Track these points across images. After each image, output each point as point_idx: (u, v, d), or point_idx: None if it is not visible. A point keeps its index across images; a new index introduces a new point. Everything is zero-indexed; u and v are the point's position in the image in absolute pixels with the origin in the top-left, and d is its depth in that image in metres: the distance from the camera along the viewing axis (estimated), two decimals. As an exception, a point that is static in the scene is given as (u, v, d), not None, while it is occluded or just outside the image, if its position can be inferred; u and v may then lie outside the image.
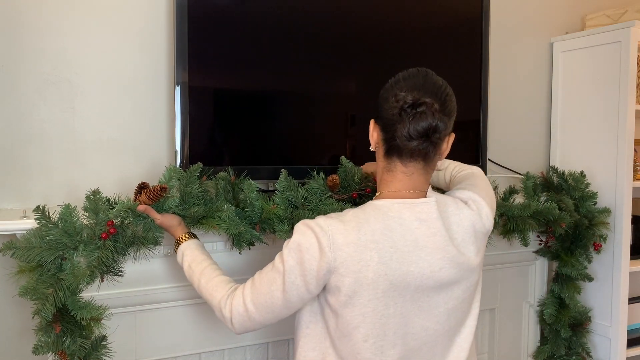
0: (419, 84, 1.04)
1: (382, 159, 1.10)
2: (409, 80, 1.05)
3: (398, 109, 1.02)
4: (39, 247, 1.17)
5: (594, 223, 1.94)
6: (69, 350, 1.20)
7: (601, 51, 2.02)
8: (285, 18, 1.60)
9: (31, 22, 1.44)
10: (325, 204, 1.39)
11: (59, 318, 1.19)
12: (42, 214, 1.18)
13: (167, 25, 1.58)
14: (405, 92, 1.02)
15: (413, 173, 1.06)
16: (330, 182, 1.43)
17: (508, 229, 1.75)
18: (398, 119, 1.02)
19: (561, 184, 2.00)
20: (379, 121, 1.09)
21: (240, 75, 1.57)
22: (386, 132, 1.06)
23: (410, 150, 1.03)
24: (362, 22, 1.71)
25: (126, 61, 1.56)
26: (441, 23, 1.84)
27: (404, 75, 1.07)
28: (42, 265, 1.19)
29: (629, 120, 1.94)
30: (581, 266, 1.95)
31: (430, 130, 1.01)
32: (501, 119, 2.15)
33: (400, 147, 1.04)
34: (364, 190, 1.47)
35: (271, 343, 1.64)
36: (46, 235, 1.18)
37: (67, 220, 1.20)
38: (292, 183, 1.39)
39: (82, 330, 1.22)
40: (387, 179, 1.08)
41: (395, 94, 1.03)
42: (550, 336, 2.01)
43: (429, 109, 1.01)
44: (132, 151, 1.57)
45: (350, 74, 1.71)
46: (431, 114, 1.01)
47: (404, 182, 1.06)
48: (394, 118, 1.03)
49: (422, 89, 1.03)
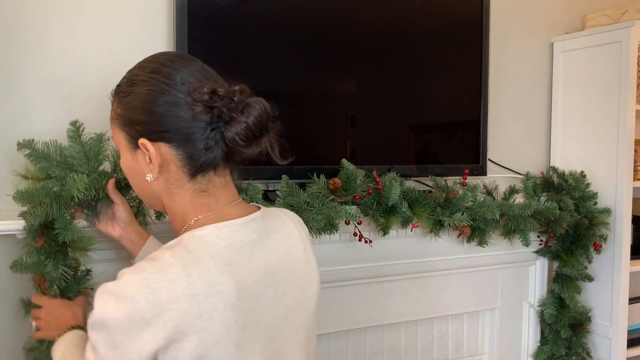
0: (200, 70, 0.87)
1: (181, 183, 0.86)
2: (184, 70, 0.85)
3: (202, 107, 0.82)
4: (55, 160, 1.15)
5: (594, 223, 1.94)
6: (48, 276, 1.11)
7: (601, 51, 2.02)
8: (285, 18, 1.60)
9: (31, 22, 1.44)
10: (328, 207, 1.39)
11: (44, 233, 1.13)
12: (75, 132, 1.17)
13: (167, 25, 1.58)
14: (201, 84, 0.83)
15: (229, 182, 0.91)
16: (331, 186, 1.43)
17: (509, 228, 1.75)
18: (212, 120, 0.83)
19: (561, 184, 2.00)
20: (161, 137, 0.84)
21: (241, 75, 1.56)
22: (187, 147, 0.83)
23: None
24: (362, 22, 1.71)
25: (126, 61, 1.55)
26: (441, 23, 1.84)
27: (165, 72, 0.85)
28: (50, 178, 1.16)
29: (629, 120, 1.94)
30: (581, 266, 1.95)
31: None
32: (501, 119, 2.15)
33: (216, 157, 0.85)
34: (365, 192, 1.47)
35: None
36: (65, 152, 1.16)
37: (88, 146, 1.18)
38: (293, 188, 1.39)
39: (67, 259, 1.16)
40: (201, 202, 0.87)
41: (186, 92, 0.82)
42: (550, 336, 2.01)
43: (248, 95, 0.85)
44: (132, 151, 1.57)
45: (350, 74, 1.71)
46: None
47: (227, 197, 0.89)
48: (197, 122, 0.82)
49: (210, 76, 0.87)
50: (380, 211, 1.54)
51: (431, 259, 1.79)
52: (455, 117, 1.89)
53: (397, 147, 1.80)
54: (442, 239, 1.73)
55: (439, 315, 1.88)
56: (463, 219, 1.58)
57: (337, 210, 1.38)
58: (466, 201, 1.61)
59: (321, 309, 1.64)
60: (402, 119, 1.79)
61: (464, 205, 1.62)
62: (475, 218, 1.64)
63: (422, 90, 1.82)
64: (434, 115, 1.86)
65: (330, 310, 1.67)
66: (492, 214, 1.62)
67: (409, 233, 1.71)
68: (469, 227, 1.64)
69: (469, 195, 1.61)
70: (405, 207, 1.53)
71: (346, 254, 1.62)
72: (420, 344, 1.89)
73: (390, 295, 1.75)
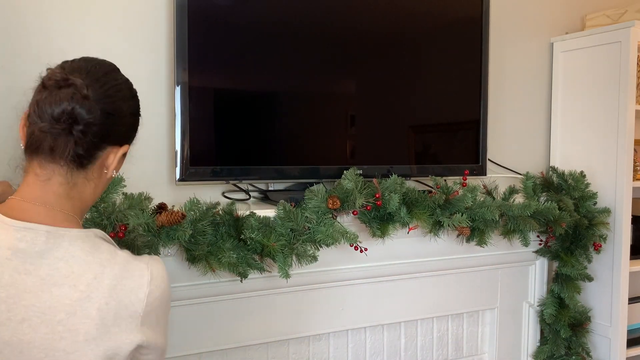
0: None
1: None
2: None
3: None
4: None
5: (594, 223, 1.94)
6: None
7: (601, 51, 2.02)
8: (286, 18, 1.60)
9: (31, 22, 1.44)
10: (326, 225, 1.41)
11: None
12: None
13: (167, 25, 1.58)
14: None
15: (50, 178, 0.84)
16: (330, 205, 1.44)
17: (508, 229, 1.75)
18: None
19: (561, 184, 2.00)
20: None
21: (241, 75, 1.57)
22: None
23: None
24: (362, 22, 1.71)
25: (126, 61, 1.55)
26: (441, 23, 1.84)
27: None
28: None
29: (629, 120, 1.94)
30: (581, 266, 1.95)
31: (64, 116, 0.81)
32: (501, 119, 2.15)
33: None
34: (364, 208, 1.48)
35: (271, 343, 1.64)
36: None
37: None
38: (291, 212, 1.41)
39: None
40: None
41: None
42: (550, 336, 2.01)
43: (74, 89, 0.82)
44: (132, 151, 1.57)
45: (350, 74, 1.71)
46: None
47: (31, 188, 0.84)
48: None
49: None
50: (377, 220, 1.55)
51: (431, 258, 1.79)
52: (455, 117, 1.89)
53: (397, 147, 1.80)
54: (441, 239, 1.73)
55: (438, 315, 1.88)
56: (463, 220, 1.58)
57: (335, 230, 1.41)
58: (466, 202, 1.61)
59: (321, 308, 1.65)
60: (402, 119, 1.80)
61: (464, 206, 1.62)
62: (474, 219, 1.64)
63: (422, 90, 1.83)
64: (434, 115, 1.86)
65: (330, 310, 1.67)
66: (492, 215, 1.62)
67: (409, 233, 1.72)
68: (468, 228, 1.64)
69: (469, 196, 1.61)
70: (404, 212, 1.53)
71: (346, 253, 1.63)
72: (419, 343, 1.89)
73: (389, 295, 1.76)
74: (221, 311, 1.51)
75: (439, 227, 1.62)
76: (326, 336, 1.72)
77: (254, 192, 1.71)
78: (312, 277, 1.60)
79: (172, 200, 1.60)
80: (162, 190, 1.59)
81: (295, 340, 1.67)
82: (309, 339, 1.70)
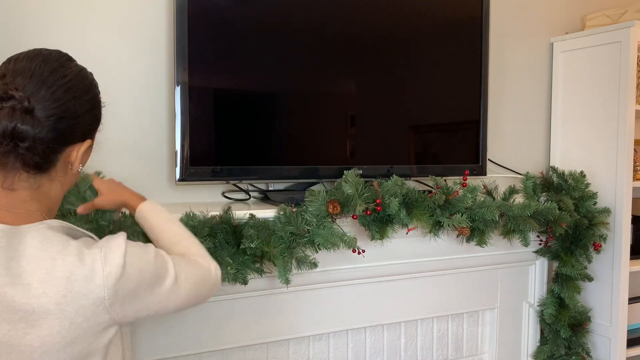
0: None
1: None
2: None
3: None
4: None
5: (594, 223, 1.94)
6: None
7: (601, 51, 2.02)
8: (285, 18, 1.60)
9: (31, 22, 1.44)
10: (326, 228, 1.42)
11: None
12: None
13: (167, 25, 1.58)
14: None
15: (14, 189, 0.84)
16: (331, 210, 1.44)
17: (508, 229, 1.75)
18: None
19: (561, 184, 2.00)
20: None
21: (241, 75, 1.57)
22: None
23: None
24: (362, 22, 1.71)
25: (126, 61, 1.55)
26: (441, 23, 1.84)
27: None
28: None
29: (629, 120, 1.94)
30: (581, 266, 1.95)
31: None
32: (501, 119, 2.15)
33: None
34: (364, 213, 1.48)
35: (271, 343, 1.64)
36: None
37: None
38: (292, 216, 1.41)
39: None
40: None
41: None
42: (550, 336, 2.01)
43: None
44: (132, 151, 1.57)
45: (350, 74, 1.71)
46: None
47: None
48: None
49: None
50: (377, 222, 1.55)
51: (431, 258, 1.79)
52: (455, 117, 1.89)
53: (397, 147, 1.80)
54: (441, 239, 1.73)
55: (438, 315, 1.88)
56: (462, 221, 1.57)
57: (334, 235, 1.41)
58: (466, 202, 1.61)
59: (321, 308, 1.65)
60: (402, 119, 1.80)
61: (464, 206, 1.62)
62: (474, 219, 1.64)
63: (422, 90, 1.83)
64: (434, 115, 1.86)
65: (330, 310, 1.67)
66: (492, 215, 1.62)
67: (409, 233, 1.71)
68: (468, 228, 1.64)
69: (469, 196, 1.61)
70: (404, 214, 1.53)
71: (346, 254, 1.62)
72: (419, 343, 1.89)
73: (389, 295, 1.76)
74: (221, 311, 1.51)
75: (439, 228, 1.62)
76: (326, 336, 1.72)
77: (254, 192, 1.71)
78: (312, 277, 1.60)
79: (172, 200, 1.60)
80: (162, 191, 1.59)
81: (295, 340, 1.67)
82: (309, 339, 1.70)
